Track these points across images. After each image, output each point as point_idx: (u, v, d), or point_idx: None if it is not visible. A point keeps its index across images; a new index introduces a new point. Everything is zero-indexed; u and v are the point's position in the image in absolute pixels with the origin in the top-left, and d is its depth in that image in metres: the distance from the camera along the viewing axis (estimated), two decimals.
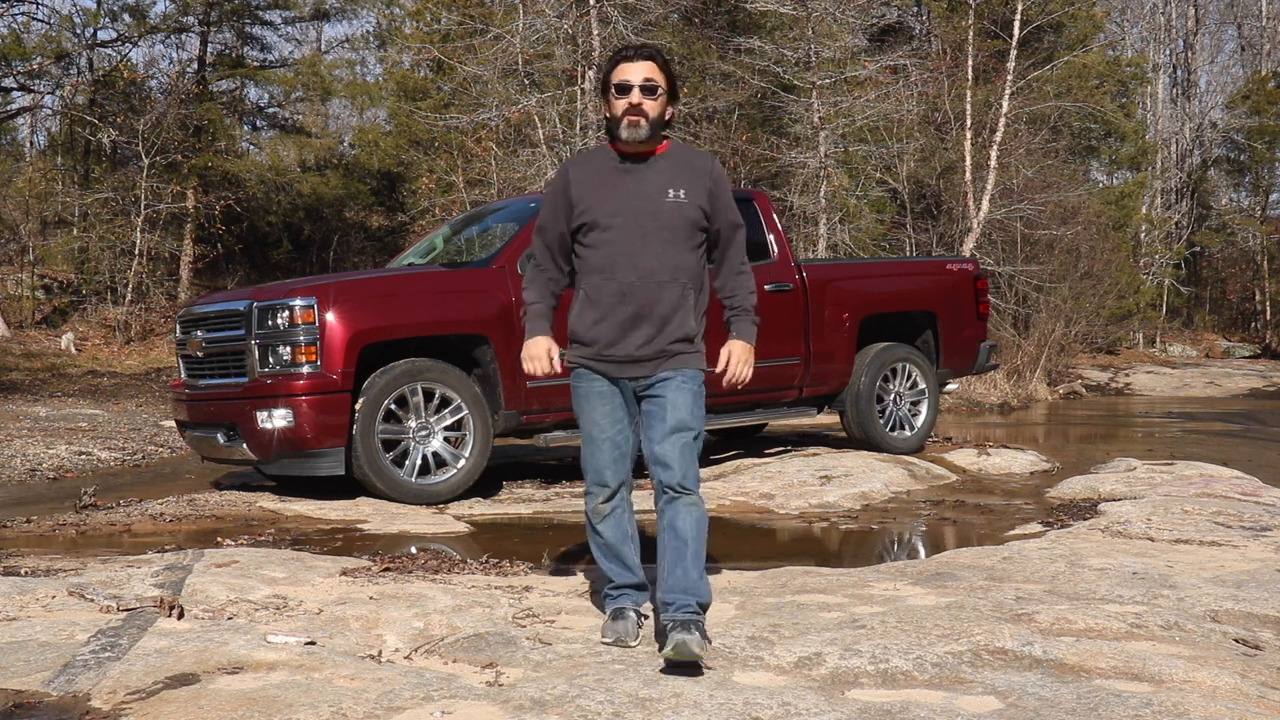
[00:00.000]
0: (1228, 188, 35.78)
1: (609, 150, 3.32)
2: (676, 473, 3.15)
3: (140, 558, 4.37)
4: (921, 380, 8.28)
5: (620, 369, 3.26)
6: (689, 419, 3.19)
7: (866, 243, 18.43)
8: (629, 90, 3.19)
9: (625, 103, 3.19)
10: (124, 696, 2.76)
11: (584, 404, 3.34)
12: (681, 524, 3.15)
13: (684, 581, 3.11)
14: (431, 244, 8.05)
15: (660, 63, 3.24)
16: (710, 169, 3.31)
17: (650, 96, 3.20)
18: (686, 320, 3.24)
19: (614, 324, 3.22)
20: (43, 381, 15.56)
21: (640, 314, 3.20)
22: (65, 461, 8.30)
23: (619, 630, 3.29)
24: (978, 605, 3.64)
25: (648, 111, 3.19)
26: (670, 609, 3.09)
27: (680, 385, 3.21)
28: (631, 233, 3.21)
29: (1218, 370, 24.28)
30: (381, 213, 25.00)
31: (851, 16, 17.13)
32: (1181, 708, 2.67)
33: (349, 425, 6.02)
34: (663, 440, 3.18)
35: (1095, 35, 24.61)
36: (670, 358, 3.23)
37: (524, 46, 16.40)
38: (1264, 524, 5.21)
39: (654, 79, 3.21)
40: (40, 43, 21.02)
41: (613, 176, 3.26)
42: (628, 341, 3.22)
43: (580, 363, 3.31)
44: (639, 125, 3.20)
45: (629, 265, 3.20)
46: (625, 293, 3.20)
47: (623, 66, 3.22)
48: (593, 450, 3.33)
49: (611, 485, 3.32)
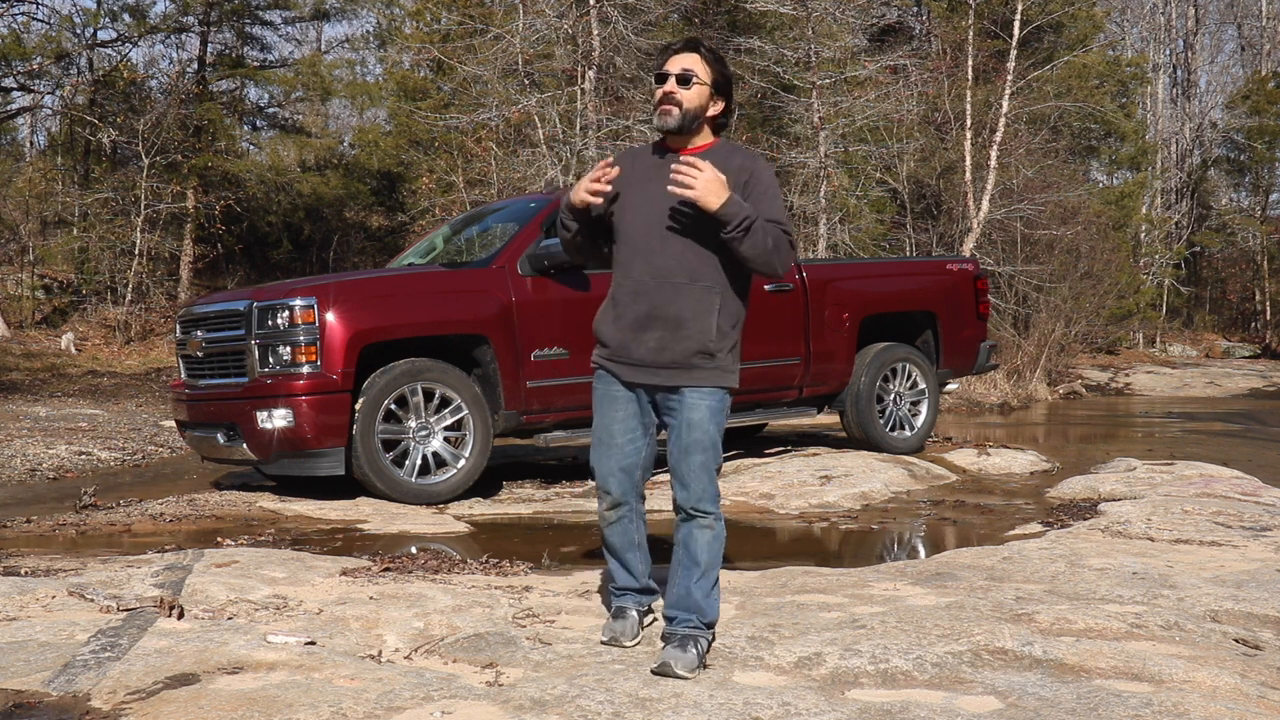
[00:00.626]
0: (1228, 188, 35.80)
1: (659, 145, 3.24)
2: (692, 494, 3.09)
3: (140, 558, 4.37)
4: (921, 380, 8.28)
5: (634, 374, 3.13)
6: (704, 439, 3.07)
7: (866, 243, 18.43)
8: (665, 79, 3.12)
9: (661, 91, 3.13)
10: (124, 696, 2.76)
11: (599, 406, 3.23)
12: (694, 545, 3.11)
13: (688, 600, 3.08)
14: (431, 244, 8.05)
15: (704, 54, 3.15)
16: (751, 167, 3.12)
17: (685, 86, 3.10)
18: (707, 329, 3.05)
19: (626, 324, 3.11)
20: (43, 381, 15.56)
21: (652, 314, 3.07)
22: (65, 461, 8.30)
23: (616, 629, 3.28)
24: (978, 605, 3.64)
25: (680, 100, 3.10)
26: (672, 623, 3.09)
27: (699, 405, 3.07)
28: (651, 230, 3.10)
29: (1218, 370, 24.28)
30: (381, 213, 25.01)
31: (851, 16, 17.14)
32: (1181, 708, 2.67)
33: (349, 425, 6.02)
34: (680, 460, 3.10)
35: (1095, 35, 24.61)
36: (689, 371, 3.07)
37: (524, 46, 16.40)
38: (1264, 524, 5.21)
39: (691, 69, 3.11)
40: (40, 43, 21.03)
41: (649, 171, 3.15)
42: (640, 344, 3.09)
43: (599, 363, 3.22)
44: (670, 113, 3.11)
45: (644, 263, 3.09)
46: (638, 291, 3.09)
47: (667, 59, 3.16)
48: (600, 455, 3.23)
49: (614, 494, 3.22)
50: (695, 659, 2.98)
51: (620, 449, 3.19)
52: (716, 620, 3.15)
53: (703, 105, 3.14)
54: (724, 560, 3.30)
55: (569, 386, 6.59)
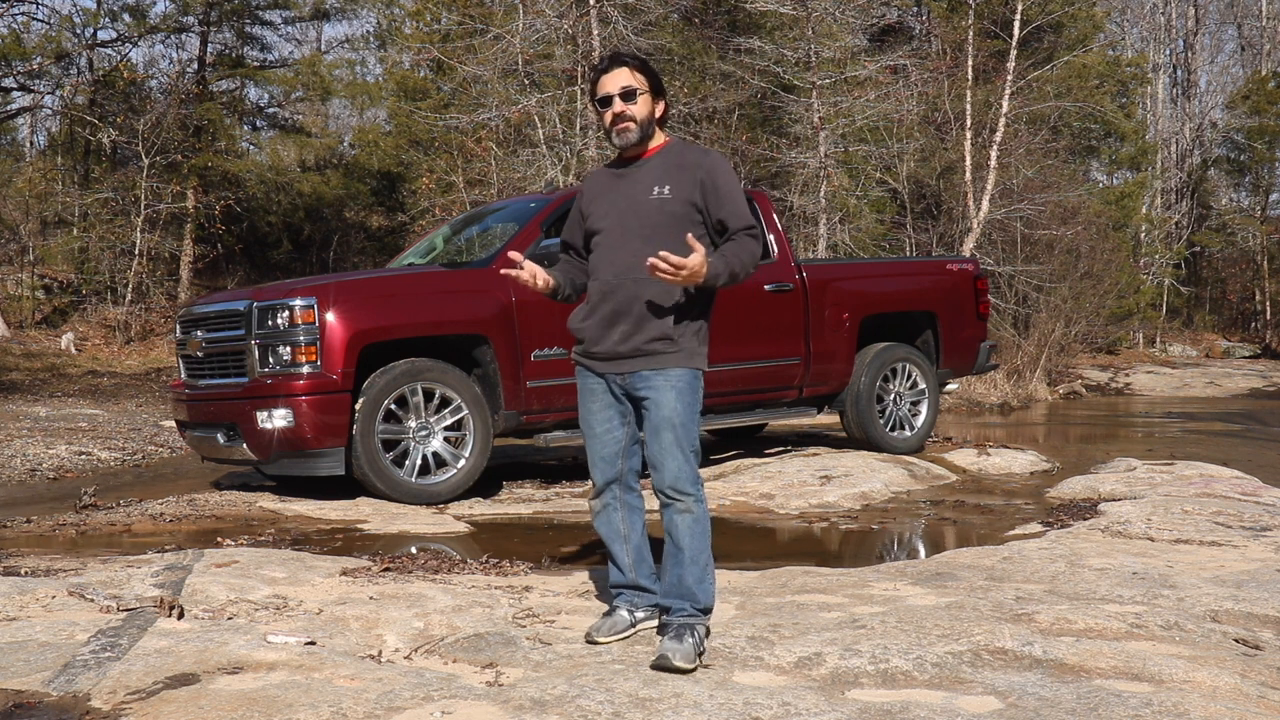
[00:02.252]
0: (1228, 188, 35.78)
1: (616, 160, 3.43)
2: (666, 476, 3.18)
3: (140, 558, 4.37)
4: (921, 380, 8.28)
5: (605, 365, 3.29)
6: (673, 416, 3.17)
7: (866, 243, 18.43)
8: (610, 101, 3.28)
9: (610, 114, 3.28)
10: (124, 696, 2.76)
11: (580, 400, 3.40)
12: (674, 530, 3.20)
13: (680, 588, 3.18)
14: (431, 244, 8.05)
15: (634, 65, 3.30)
16: (704, 163, 3.27)
17: (630, 101, 3.26)
18: (667, 318, 3.19)
19: (596, 321, 3.28)
20: (43, 381, 15.56)
21: (619, 310, 3.23)
22: (65, 461, 8.30)
23: (593, 625, 3.36)
24: (978, 605, 3.64)
25: (634, 115, 3.26)
26: (668, 613, 3.18)
27: (663, 385, 3.20)
28: (615, 233, 3.27)
29: (1218, 370, 24.28)
30: (381, 213, 25.00)
31: (851, 16, 17.14)
32: (1181, 708, 2.67)
33: (349, 425, 6.02)
34: (651, 443, 3.22)
35: (1095, 35, 24.60)
36: (651, 357, 3.21)
37: (524, 46, 16.40)
38: (1264, 524, 5.21)
39: (630, 84, 3.27)
40: (40, 43, 21.01)
41: (610, 183, 3.37)
42: (607, 338, 3.25)
43: (575, 359, 3.39)
44: (629, 130, 3.28)
45: (609, 264, 3.27)
46: (606, 291, 3.25)
47: (600, 81, 3.31)
48: (587, 446, 3.40)
49: (598, 482, 3.36)
50: (691, 649, 3.03)
51: (600, 438, 3.34)
52: (712, 606, 3.23)
53: (650, 112, 3.30)
54: (723, 560, 3.30)
55: (569, 386, 6.50)
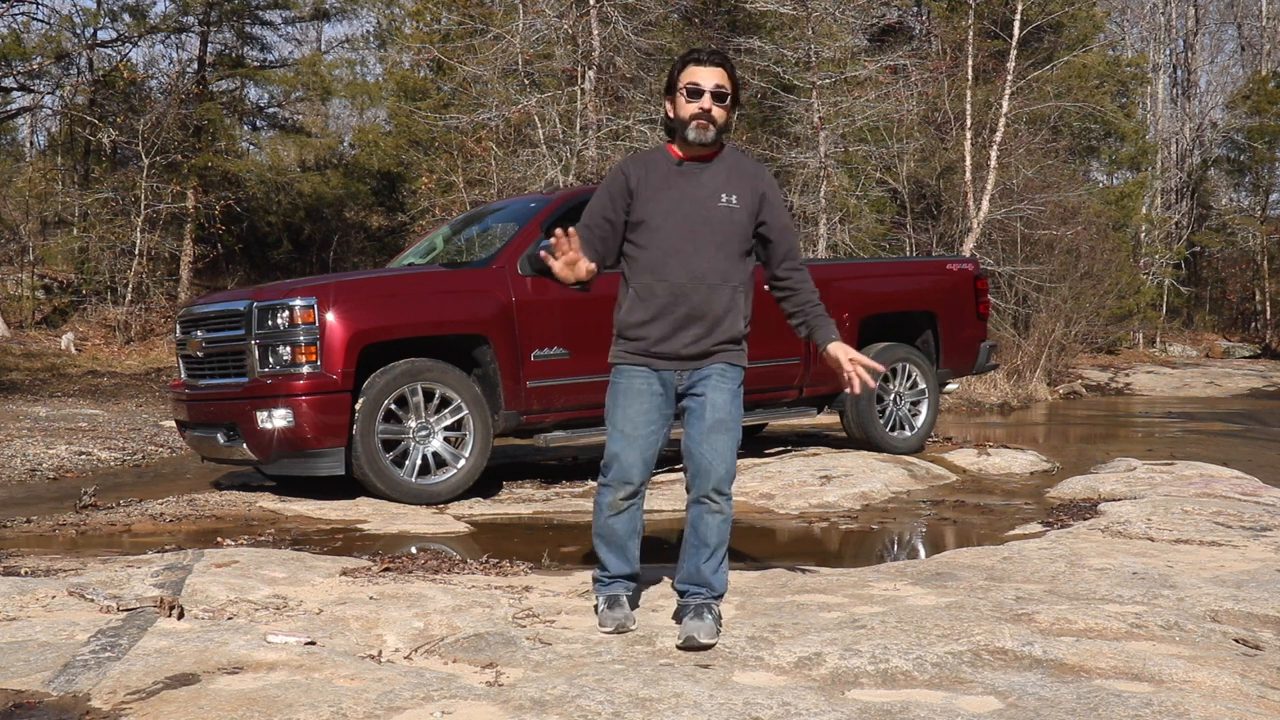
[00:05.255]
0: (1228, 188, 35.77)
1: (665, 151, 3.39)
2: (713, 479, 3.28)
3: (140, 558, 4.37)
4: (921, 380, 8.28)
5: (667, 362, 3.34)
6: (726, 418, 3.30)
7: (866, 243, 18.43)
8: (701, 95, 3.25)
9: (697, 107, 3.26)
10: (124, 696, 2.76)
11: (621, 399, 3.37)
12: (704, 528, 3.32)
13: (697, 576, 3.34)
14: (431, 244, 8.05)
15: (730, 70, 3.32)
16: (762, 176, 3.39)
17: (720, 103, 3.27)
18: (736, 323, 3.35)
19: (666, 323, 3.31)
20: (43, 381, 15.56)
21: (693, 314, 3.29)
22: (65, 461, 8.30)
23: (618, 617, 3.37)
24: (978, 605, 3.63)
25: (716, 118, 3.27)
26: (684, 595, 3.33)
27: (719, 384, 3.31)
28: (683, 235, 3.28)
29: (1218, 370, 24.28)
30: (381, 213, 25.00)
31: (851, 16, 17.13)
32: (1181, 708, 2.67)
33: (349, 425, 6.02)
34: (700, 440, 3.29)
35: (1095, 35, 24.60)
36: (716, 355, 3.33)
37: (524, 46, 16.40)
38: (1264, 524, 5.21)
39: (725, 86, 3.28)
40: (40, 43, 21.01)
41: (669, 178, 3.34)
42: (677, 340, 3.31)
43: (624, 359, 3.37)
44: (707, 129, 3.27)
45: (680, 267, 3.28)
46: (677, 294, 3.28)
47: (695, 70, 3.28)
48: (624, 447, 3.35)
49: (636, 484, 3.38)
50: (713, 624, 3.21)
51: (643, 439, 3.35)
52: (725, 591, 3.40)
53: (729, 120, 3.33)
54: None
55: (569, 386, 6.59)
